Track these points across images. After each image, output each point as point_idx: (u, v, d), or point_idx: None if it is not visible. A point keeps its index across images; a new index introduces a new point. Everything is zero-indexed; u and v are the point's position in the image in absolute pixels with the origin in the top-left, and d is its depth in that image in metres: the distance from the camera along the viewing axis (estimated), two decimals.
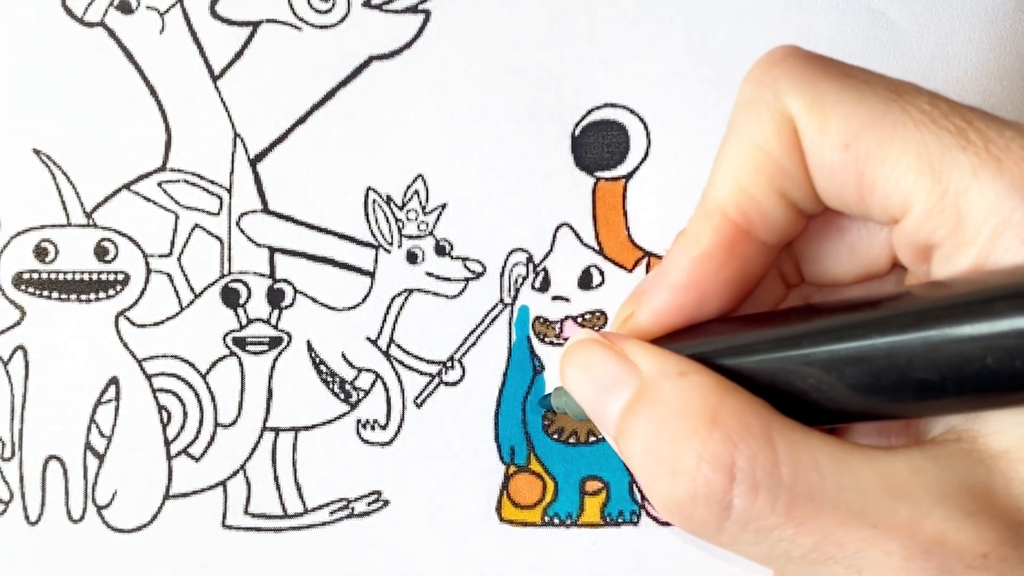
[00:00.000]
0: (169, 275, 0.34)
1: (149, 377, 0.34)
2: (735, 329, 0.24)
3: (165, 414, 0.34)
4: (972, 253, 0.21)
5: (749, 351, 0.23)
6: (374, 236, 0.34)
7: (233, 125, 0.34)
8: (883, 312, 0.21)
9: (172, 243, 0.34)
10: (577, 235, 0.34)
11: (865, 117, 0.22)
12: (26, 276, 0.34)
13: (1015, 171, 0.20)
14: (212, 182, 0.34)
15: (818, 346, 0.22)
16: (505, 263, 0.34)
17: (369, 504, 0.34)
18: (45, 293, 0.34)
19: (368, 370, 0.34)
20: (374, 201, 0.34)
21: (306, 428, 0.34)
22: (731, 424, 0.21)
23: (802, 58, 0.23)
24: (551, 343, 0.34)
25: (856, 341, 0.21)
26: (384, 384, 0.34)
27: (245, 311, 0.34)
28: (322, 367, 0.34)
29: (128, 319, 0.34)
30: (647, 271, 0.34)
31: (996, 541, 0.20)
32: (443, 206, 0.34)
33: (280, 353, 0.34)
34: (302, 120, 0.34)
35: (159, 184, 0.34)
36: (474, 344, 0.34)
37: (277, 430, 0.34)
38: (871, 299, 0.22)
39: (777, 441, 0.21)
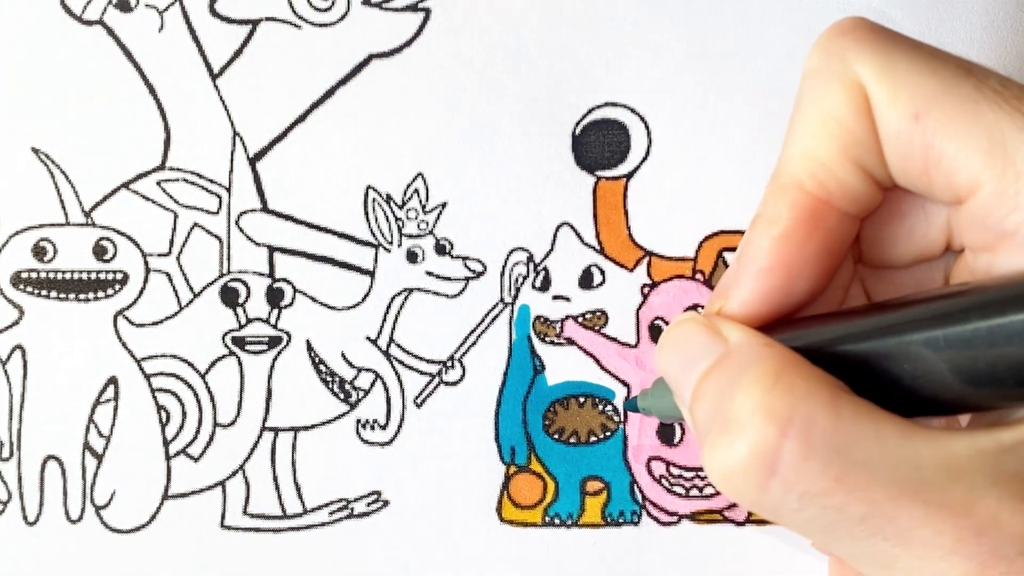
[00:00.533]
0: (168, 274, 0.34)
1: (148, 377, 0.34)
2: (826, 321, 0.24)
3: (164, 414, 0.34)
4: None
5: (843, 340, 0.22)
6: (374, 235, 0.34)
7: (232, 124, 0.34)
8: (974, 298, 0.21)
9: (171, 242, 0.34)
10: (578, 234, 0.34)
11: (937, 89, 0.21)
12: (24, 275, 0.34)
13: None
14: (211, 181, 0.34)
15: (914, 332, 0.21)
16: (505, 262, 0.34)
17: (369, 504, 0.34)
18: (44, 292, 0.33)
19: (368, 370, 0.34)
20: (374, 200, 0.34)
21: (306, 428, 0.34)
22: (797, 380, 0.21)
23: (871, 28, 0.23)
24: (551, 343, 0.34)
25: (953, 325, 0.21)
26: (384, 384, 0.34)
27: (244, 310, 0.34)
28: (322, 367, 0.34)
29: (127, 318, 0.34)
30: (647, 271, 0.34)
31: None
32: (443, 205, 0.34)
33: (279, 353, 0.34)
34: (302, 119, 0.34)
35: (158, 183, 0.34)
36: (474, 344, 0.34)
37: (276, 430, 0.34)
38: (955, 290, 0.22)
39: (842, 407, 0.21)
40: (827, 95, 0.23)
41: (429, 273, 0.34)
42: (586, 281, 0.34)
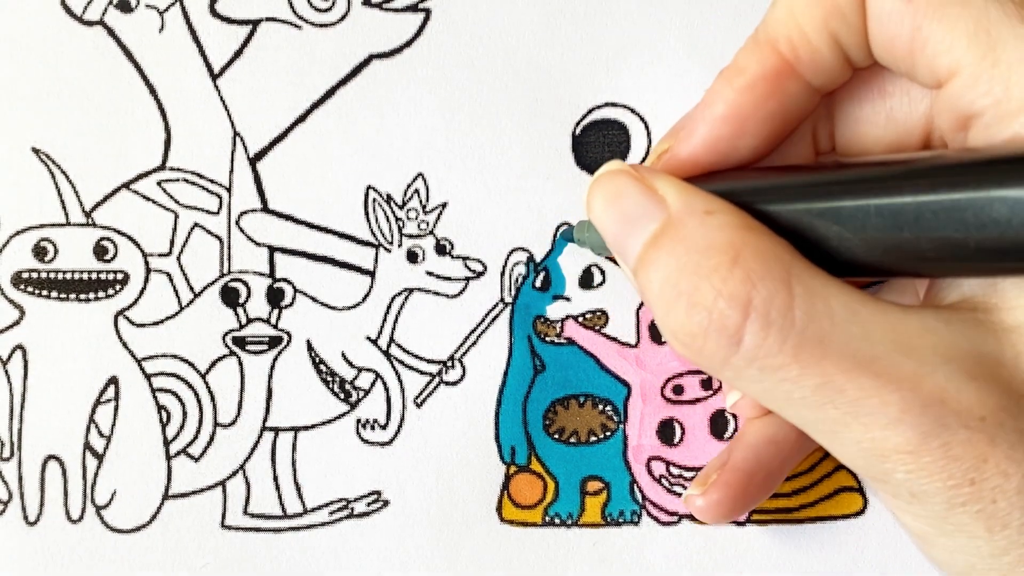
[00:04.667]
0: (168, 274, 0.34)
1: (148, 377, 0.34)
2: (765, 175, 0.24)
3: (164, 414, 0.34)
4: (1014, 124, 0.21)
5: (778, 196, 0.23)
6: (374, 235, 0.34)
7: (233, 124, 0.34)
8: (913, 167, 0.21)
9: (171, 242, 0.34)
10: None
11: None
12: (25, 275, 0.34)
13: None
14: (211, 181, 0.34)
15: (847, 198, 0.22)
16: (505, 262, 0.34)
17: (369, 504, 0.34)
18: (44, 292, 0.34)
19: (368, 370, 0.34)
20: (374, 200, 0.34)
21: (306, 428, 0.34)
22: (752, 264, 0.22)
23: None
24: (551, 343, 0.34)
25: (884, 196, 0.21)
26: (384, 384, 0.34)
27: (245, 310, 0.34)
28: (322, 367, 0.34)
29: (127, 318, 0.34)
30: None
31: (996, 407, 0.21)
32: (443, 205, 0.34)
33: (280, 352, 0.34)
34: (302, 119, 0.34)
35: (158, 183, 0.34)
36: (474, 344, 0.34)
37: (277, 430, 0.34)
38: (902, 157, 0.22)
39: (795, 285, 0.22)
40: None
41: (429, 273, 0.34)
42: (586, 281, 0.34)
